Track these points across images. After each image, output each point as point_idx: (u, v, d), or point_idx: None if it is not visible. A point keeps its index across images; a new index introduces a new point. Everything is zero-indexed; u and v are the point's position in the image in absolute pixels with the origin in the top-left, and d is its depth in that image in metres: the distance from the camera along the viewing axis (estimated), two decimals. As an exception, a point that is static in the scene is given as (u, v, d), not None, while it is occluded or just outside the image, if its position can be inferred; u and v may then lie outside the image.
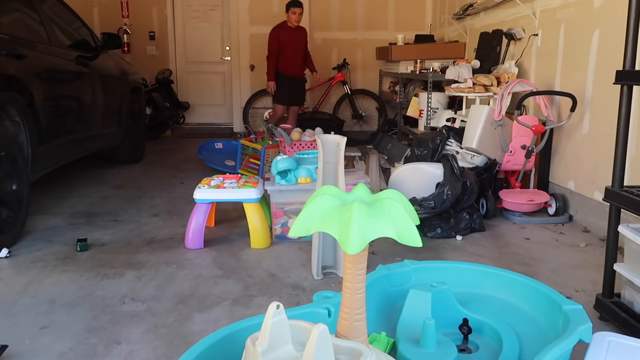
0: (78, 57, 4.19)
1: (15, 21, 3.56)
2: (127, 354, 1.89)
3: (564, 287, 2.46)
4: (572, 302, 1.66)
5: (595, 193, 3.30)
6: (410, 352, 1.60)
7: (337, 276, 2.58)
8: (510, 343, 1.65)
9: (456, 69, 4.65)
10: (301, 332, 1.29)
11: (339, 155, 2.57)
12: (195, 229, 2.96)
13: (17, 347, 1.92)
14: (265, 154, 4.81)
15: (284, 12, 5.96)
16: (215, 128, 7.97)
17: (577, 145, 3.56)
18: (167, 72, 7.42)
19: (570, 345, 1.46)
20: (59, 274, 2.60)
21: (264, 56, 6.10)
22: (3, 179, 2.93)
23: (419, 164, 3.57)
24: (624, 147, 2.03)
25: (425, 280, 1.87)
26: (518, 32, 4.40)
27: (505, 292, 1.91)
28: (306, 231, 1.32)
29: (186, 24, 7.86)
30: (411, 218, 1.31)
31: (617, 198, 2.01)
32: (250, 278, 2.58)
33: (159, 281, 2.53)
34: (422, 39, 6.57)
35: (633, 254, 1.98)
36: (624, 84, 2.00)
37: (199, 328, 2.08)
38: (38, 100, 3.32)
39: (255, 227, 2.98)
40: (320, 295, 1.69)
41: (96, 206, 3.87)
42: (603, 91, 3.26)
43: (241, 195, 2.98)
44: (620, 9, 3.05)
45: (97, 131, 4.47)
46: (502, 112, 3.67)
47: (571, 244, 3.10)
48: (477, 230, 3.26)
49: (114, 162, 5.33)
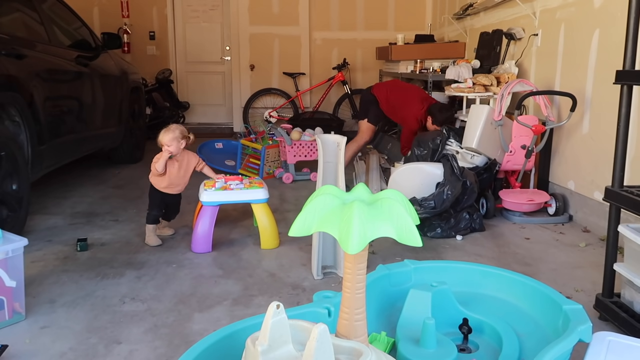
0: (78, 57, 4.19)
1: (15, 21, 3.56)
2: (127, 354, 1.89)
3: (564, 287, 2.46)
4: (572, 302, 1.66)
5: (595, 193, 3.30)
6: (410, 352, 1.60)
7: (337, 276, 2.58)
8: (510, 343, 1.65)
9: (456, 69, 4.65)
10: (301, 332, 1.29)
11: (339, 155, 2.57)
12: (202, 233, 2.91)
13: (17, 347, 1.92)
14: (265, 153, 4.81)
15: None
16: (215, 128, 7.97)
17: (577, 145, 3.56)
18: (167, 72, 7.42)
19: (570, 345, 1.46)
20: (59, 273, 2.60)
21: (264, 56, 6.06)
22: (3, 179, 2.93)
23: (419, 164, 3.57)
24: (624, 147, 2.03)
25: (425, 280, 1.87)
26: (518, 32, 4.40)
27: (505, 292, 1.91)
28: (306, 231, 1.32)
29: (186, 23, 7.86)
30: (411, 218, 1.31)
31: (617, 198, 2.01)
32: (250, 278, 2.58)
33: (159, 281, 2.53)
34: (422, 39, 6.57)
35: (633, 254, 1.98)
36: (624, 84, 2.00)
37: (199, 328, 2.08)
38: (38, 100, 3.32)
39: (265, 227, 2.98)
40: (320, 295, 1.69)
41: (96, 206, 3.87)
42: (603, 91, 3.26)
43: (249, 196, 2.98)
44: (620, 9, 3.05)
45: (97, 131, 4.47)
46: (502, 112, 3.67)
47: (571, 244, 3.10)
48: (477, 230, 3.26)
49: (114, 162, 5.33)
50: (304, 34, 7.66)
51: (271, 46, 7.68)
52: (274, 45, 7.69)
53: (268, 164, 4.88)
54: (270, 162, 4.89)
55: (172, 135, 2.95)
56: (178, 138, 2.96)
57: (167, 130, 2.97)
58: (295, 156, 4.77)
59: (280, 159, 4.97)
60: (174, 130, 2.97)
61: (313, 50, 7.70)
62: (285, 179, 4.69)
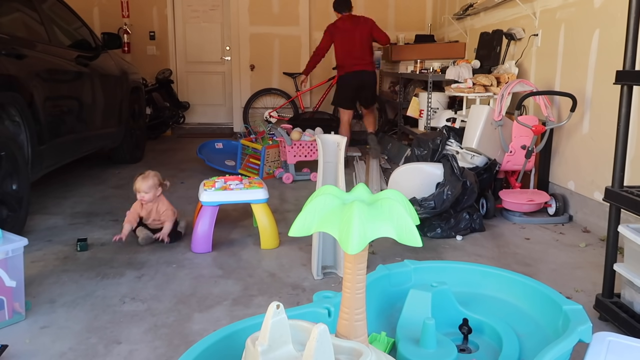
0: (78, 57, 4.19)
1: (15, 21, 3.56)
2: (127, 354, 1.89)
3: (564, 287, 2.46)
4: (572, 302, 1.66)
5: (595, 193, 3.30)
6: (410, 352, 1.60)
7: (337, 276, 2.58)
8: (510, 343, 1.65)
9: (456, 69, 4.66)
10: (301, 332, 1.29)
11: (339, 155, 2.57)
12: (202, 233, 2.91)
13: (17, 347, 1.92)
14: (265, 154, 4.81)
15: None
16: (215, 128, 7.97)
17: (577, 145, 3.56)
18: (167, 72, 7.42)
19: (570, 345, 1.46)
20: (59, 273, 2.60)
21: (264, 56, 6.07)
22: (3, 179, 2.93)
23: (419, 164, 3.57)
24: (624, 147, 2.03)
25: (425, 280, 1.87)
26: (518, 32, 4.40)
27: (505, 292, 1.91)
28: (306, 231, 1.32)
29: (186, 23, 7.87)
30: (411, 218, 1.31)
31: (617, 198, 2.01)
32: (250, 278, 2.58)
33: (159, 281, 2.53)
34: (422, 39, 6.57)
35: (633, 254, 1.98)
36: (624, 84, 2.00)
37: (199, 328, 2.08)
38: (38, 100, 3.32)
39: (265, 227, 2.98)
40: (320, 295, 1.69)
41: (96, 206, 3.87)
42: (603, 91, 3.26)
43: (249, 197, 2.98)
44: (620, 9, 3.05)
45: (97, 131, 4.47)
46: (502, 112, 3.67)
47: (571, 244, 3.10)
48: (477, 230, 3.26)
49: (114, 161, 5.33)
50: (304, 34, 7.66)
51: (271, 46, 7.68)
52: (274, 45, 7.69)
53: (268, 164, 4.88)
54: (270, 162, 4.89)
55: (151, 183, 2.97)
56: (155, 186, 2.99)
57: (145, 178, 2.97)
58: (295, 156, 4.77)
59: (280, 159, 4.97)
60: (153, 177, 2.98)
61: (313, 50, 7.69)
62: (285, 179, 4.69)
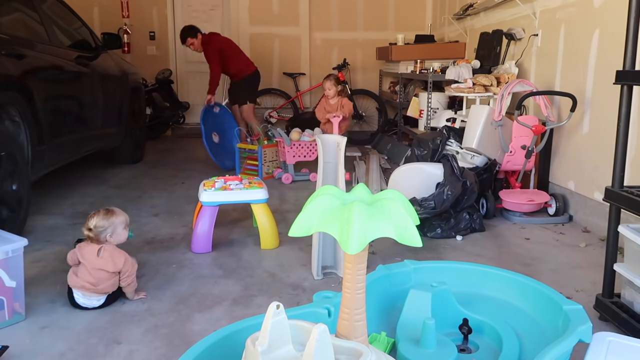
0: (78, 57, 4.19)
1: (15, 21, 3.56)
2: (127, 354, 1.89)
3: (564, 287, 2.46)
4: (572, 302, 1.66)
5: (595, 193, 3.30)
6: (410, 352, 1.60)
7: (337, 276, 2.58)
8: (510, 343, 1.65)
9: (456, 69, 4.66)
10: (301, 332, 1.29)
11: (339, 155, 2.57)
12: (202, 233, 2.91)
13: (18, 347, 1.92)
14: (262, 153, 4.81)
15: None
16: (215, 128, 7.96)
17: (577, 145, 3.56)
18: (167, 72, 7.41)
19: (570, 346, 1.46)
20: (59, 273, 2.60)
21: (264, 56, 6.08)
22: (3, 179, 2.93)
23: (419, 164, 3.57)
24: (624, 147, 2.03)
25: (425, 280, 1.87)
26: (518, 32, 4.40)
27: (505, 292, 1.91)
28: (306, 231, 1.32)
29: (186, 24, 7.85)
30: (411, 218, 1.31)
31: (617, 198, 2.01)
32: (250, 278, 2.58)
33: (159, 281, 2.53)
34: (422, 39, 6.57)
35: (633, 254, 1.98)
36: (624, 84, 2.00)
37: (199, 328, 2.08)
38: (38, 100, 3.32)
39: (264, 227, 2.98)
40: (320, 295, 1.69)
41: (97, 206, 3.82)
42: (603, 91, 3.26)
43: (249, 197, 2.98)
44: (620, 9, 3.05)
45: (97, 131, 4.47)
46: (502, 112, 3.67)
47: (571, 244, 3.10)
48: (477, 230, 3.26)
49: (115, 162, 5.33)
50: (304, 34, 7.66)
51: (271, 46, 7.68)
52: (274, 46, 7.69)
53: (266, 164, 4.88)
54: (268, 162, 4.90)
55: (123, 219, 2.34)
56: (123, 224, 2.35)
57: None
58: (295, 156, 4.77)
59: (278, 159, 4.98)
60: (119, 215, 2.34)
61: (313, 51, 7.70)
62: (285, 180, 4.69)
